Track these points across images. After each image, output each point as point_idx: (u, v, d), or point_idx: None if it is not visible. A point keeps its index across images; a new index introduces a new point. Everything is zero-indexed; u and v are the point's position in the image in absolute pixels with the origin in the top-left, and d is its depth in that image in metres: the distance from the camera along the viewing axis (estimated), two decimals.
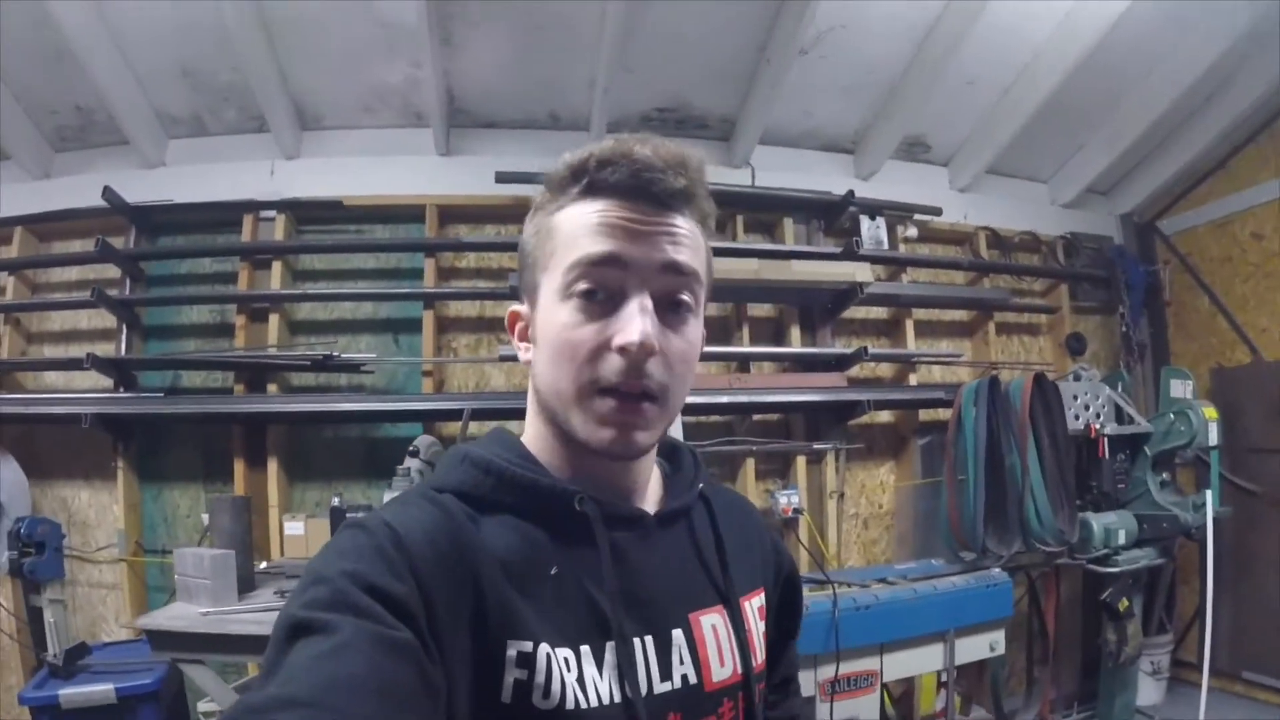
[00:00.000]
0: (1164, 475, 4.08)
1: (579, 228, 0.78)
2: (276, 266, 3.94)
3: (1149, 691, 4.16)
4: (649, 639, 0.80)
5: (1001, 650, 3.71)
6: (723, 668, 0.85)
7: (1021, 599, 4.05)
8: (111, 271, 3.95)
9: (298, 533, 3.68)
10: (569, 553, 0.79)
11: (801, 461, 4.13)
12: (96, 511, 3.92)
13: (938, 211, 4.38)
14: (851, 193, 4.15)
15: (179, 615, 2.73)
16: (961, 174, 4.56)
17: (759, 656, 0.91)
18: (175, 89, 3.86)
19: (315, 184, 4.01)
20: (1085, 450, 3.96)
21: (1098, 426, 3.90)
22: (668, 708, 0.79)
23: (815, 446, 4.11)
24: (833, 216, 4.28)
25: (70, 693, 2.90)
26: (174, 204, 3.94)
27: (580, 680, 0.74)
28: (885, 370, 4.47)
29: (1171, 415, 3.97)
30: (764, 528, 1.05)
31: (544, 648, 0.73)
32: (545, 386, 0.81)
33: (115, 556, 3.83)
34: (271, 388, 3.88)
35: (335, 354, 3.76)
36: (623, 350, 0.74)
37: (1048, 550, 3.69)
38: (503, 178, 3.82)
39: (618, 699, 0.75)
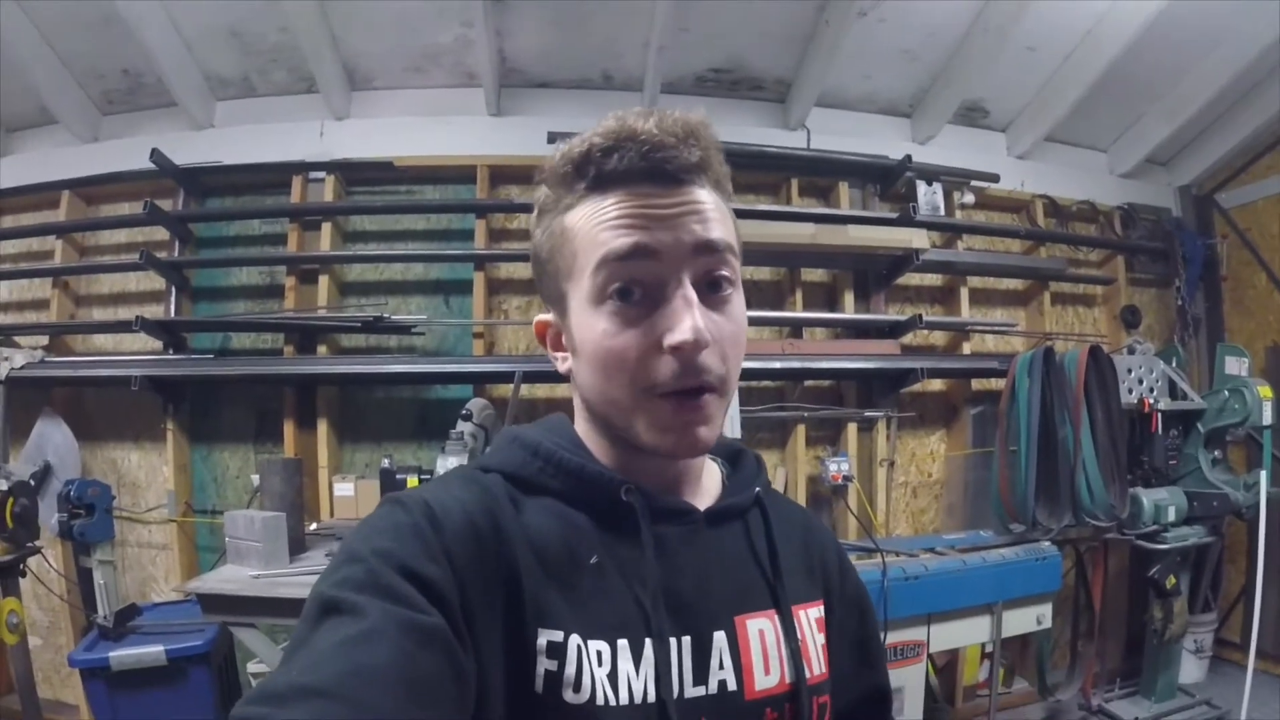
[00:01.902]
0: (1216, 453, 4.03)
1: (597, 225, 0.72)
2: (326, 228, 3.96)
3: (1191, 670, 4.18)
4: (686, 640, 0.76)
5: (1048, 624, 3.69)
6: (768, 676, 0.79)
7: (1068, 573, 4.04)
8: (160, 234, 3.98)
9: (348, 494, 3.72)
10: (612, 543, 0.77)
11: (852, 429, 4.13)
12: (146, 473, 3.98)
13: (995, 178, 4.33)
14: (909, 157, 4.10)
15: (229, 578, 2.76)
16: (1020, 141, 4.50)
17: (815, 668, 0.84)
18: (223, 50, 3.84)
19: (365, 145, 4.00)
20: (1138, 425, 3.93)
21: (1152, 401, 3.87)
22: (699, 713, 0.74)
23: (867, 414, 4.11)
24: (889, 181, 4.24)
25: (120, 654, 2.93)
26: (222, 166, 3.95)
27: (613, 676, 0.71)
28: (938, 338, 4.45)
29: (1226, 393, 3.93)
30: (829, 539, 1.00)
31: (575, 639, 0.70)
32: (595, 397, 0.78)
33: (165, 517, 3.89)
34: (321, 349, 3.92)
35: (386, 315, 3.79)
36: (676, 350, 0.70)
37: (1097, 525, 3.68)
38: (554, 138, 3.78)
39: (651, 699, 0.71)
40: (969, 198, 4.28)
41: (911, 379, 3.94)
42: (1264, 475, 3.73)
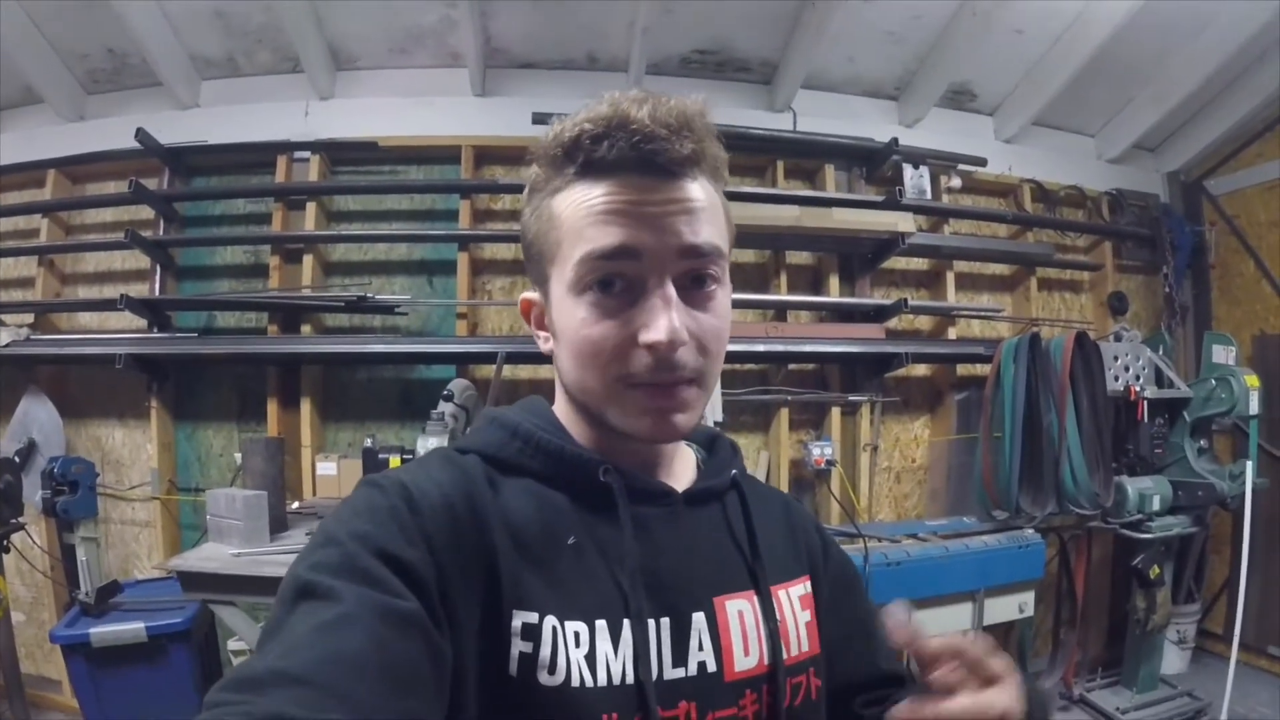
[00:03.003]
0: (1202, 442, 3.98)
1: (583, 216, 0.71)
2: (311, 207, 3.90)
3: (1173, 660, 4.12)
4: (665, 621, 0.74)
5: (1031, 612, 3.67)
6: (747, 657, 0.78)
7: (1051, 561, 4.00)
8: (145, 213, 3.93)
9: (330, 473, 3.69)
10: (590, 523, 0.76)
11: (836, 413, 4.07)
12: (130, 450, 3.95)
13: (982, 162, 4.25)
14: (895, 140, 4.02)
15: (210, 556, 2.73)
16: (1007, 125, 4.41)
17: (794, 648, 0.83)
18: (208, 30, 3.78)
19: (350, 125, 3.94)
20: (1123, 413, 3.86)
21: (1138, 389, 3.81)
22: (679, 695, 0.73)
23: (851, 398, 4.05)
24: (875, 164, 4.16)
25: (101, 631, 2.91)
26: (207, 145, 3.90)
27: (590, 657, 0.69)
28: (923, 323, 4.37)
29: (1213, 381, 3.88)
30: (809, 520, 0.98)
31: (550, 620, 0.69)
32: (572, 382, 0.77)
33: (148, 495, 3.86)
34: (305, 328, 3.88)
35: (370, 295, 3.74)
36: (651, 347, 0.69)
37: (1081, 513, 3.64)
38: (539, 119, 3.72)
39: (630, 680, 0.70)
40: (956, 181, 4.20)
41: (896, 363, 3.88)
42: (1250, 466, 3.67)
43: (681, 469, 0.88)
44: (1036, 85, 4.18)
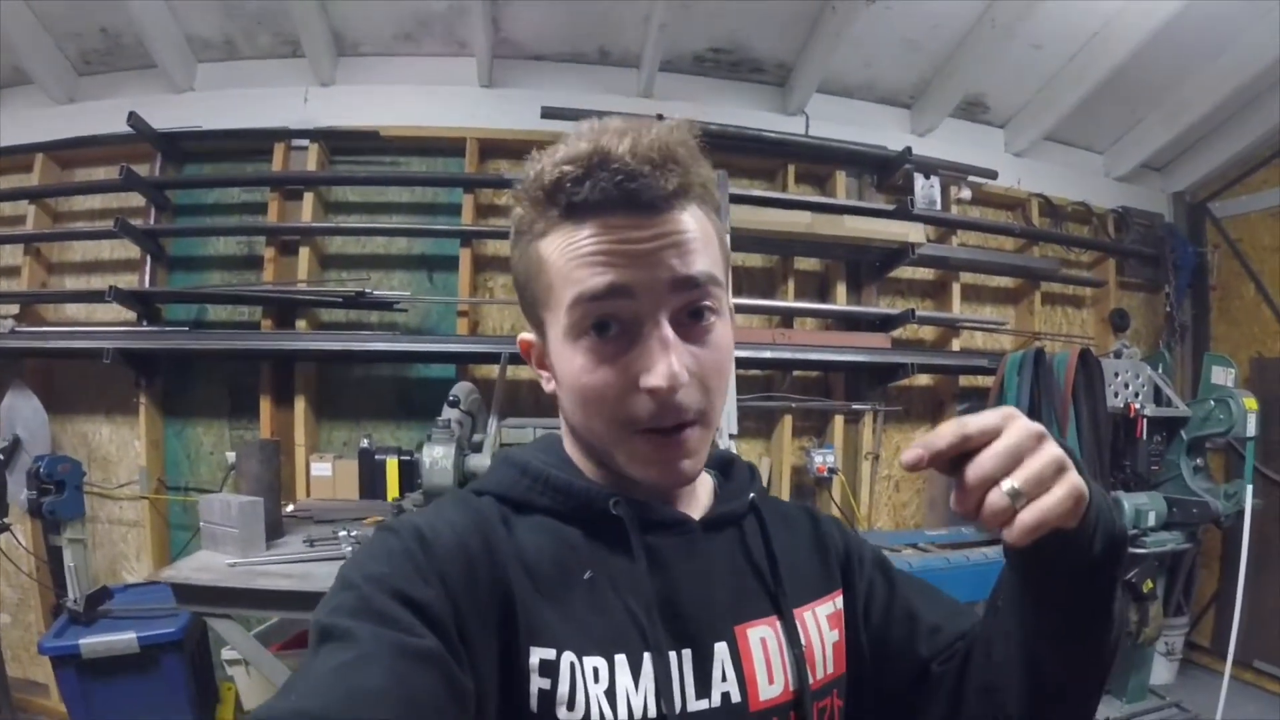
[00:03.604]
0: (1197, 460, 3.98)
1: (571, 260, 0.68)
2: (308, 198, 3.73)
3: (1161, 671, 4.15)
4: (686, 652, 0.73)
5: None
6: (771, 685, 0.76)
7: None
8: (136, 200, 3.74)
9: (325, 474, 3.55)
10: (605, 557, 0.74)
11: (839, 421, 4.03)
12: (118, 447, 3.78)
13: (993, 175, 4.19)
14: (909, 149, 3.95)
15: (205, 566, 2.58)
16: (1018, 138, 4.35)
17: (820, 671, 0.80)
18: (206, 11, 3.59)
19: (351, 113, 3.77)
20: (1122, 429, 3.85)
21: (1137, 407, 3.80)
22: None
23: (854, 407, 4.00)
24: (887, 172, 4.09)
25: (92, 642, 2.77)
26: (202, 131, 3.70)
27: (610, 692, 0.68)
28: (927, 333, 4.32)
29: (1212, 402, 3.87)
30: (836, 529, 0.93)
31: (568, 655, 0.68)
32: (578, 425, 0.76)
33: (136, 494, 3.69)
34: (301, 324, 3.71)
35: (368, 291, 3.58)
36: (652, 392, 0.67)
37: None
38: (549, 113, 3.61)
39: (652, 714, 0.69)
40: (966, 193, 4.14)
41: (902, 373, 3.83)
42: (1249, 489, 3.68)
43: (698, 495, 0.85)
44: (1050, 100, 4.12)
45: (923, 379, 4.20)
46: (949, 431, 0.58)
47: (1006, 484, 0.56)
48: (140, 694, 2.85)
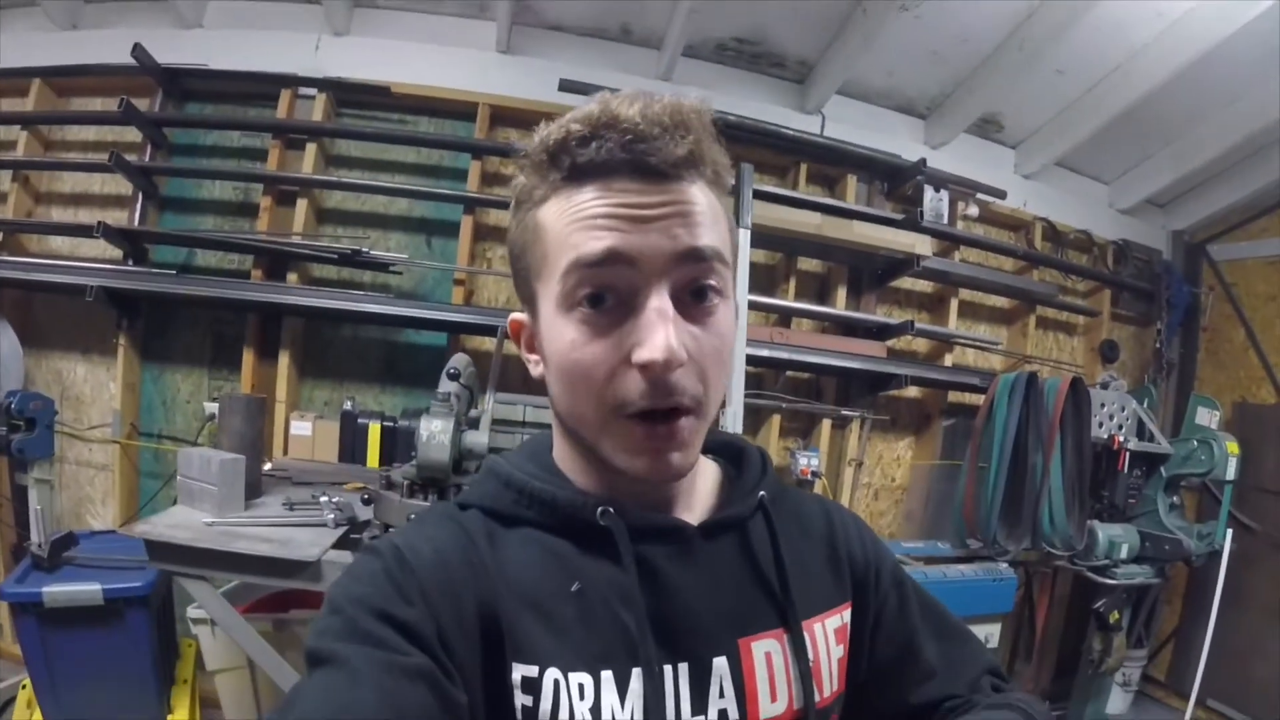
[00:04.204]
0: (1174, 498, 4.00)
1: (571, 223, 0.64)
2: (310, 149, 3.57)
3: (1116, 701, 4.18)
4: (683, 667, 0.70)
5: (995, 644, 3.70)
6: (774, 703, 0.73)
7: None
8: (131, 136, 3.56)
9: (305, 433, 3.42)
10: (594, 569, 0.71)
11: (827, 425, 3.98)
12: (92, 388, 3.62)
13: (1002, 194, 4.14)
14: (924, 160, 3.89)
15: (181, 523, 2.42)
16: (1029, 160, 4.32)
17: (826, 689, 0.77)
18: None
19: (362, 66, 3.61)
20: (1104, 460, 3.87)
21: (1121, 439, 3.82)
22: None
23: (843, 412, 3.96)
24: (898, 181, 4.02)
25: (55, 590, 2.61)
26: (208, 69, 3.53)
27: (595, 709, 0.65)
28: (920, 345, 4.27)
29: (1195, 442, 3.89)
30: (855, 531, 0.89)
31: (552, 673, 0.66)
32: (563, 410, 0.71)
33: (108, 437, 3.53)
34: (292, 277, 3.56)
35: (365, 250, 3.45)
36: (645, 368, 0.62)
37: (1053, 552, 3.65)
38: (568, 86, 3.46)
39: None
40: (974, 210, 4.09)
41: (895, 383, 3.80)
42: (1229, 534, 3.71)
43: (700, 495, 0.80)
44: (1065, 127, 4.09)
45: (911, 391, 4.13)
46: None
47: None
48: (101, 647, 2.69)
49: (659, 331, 0.61)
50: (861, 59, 3.71)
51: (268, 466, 3.21)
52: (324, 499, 2.66)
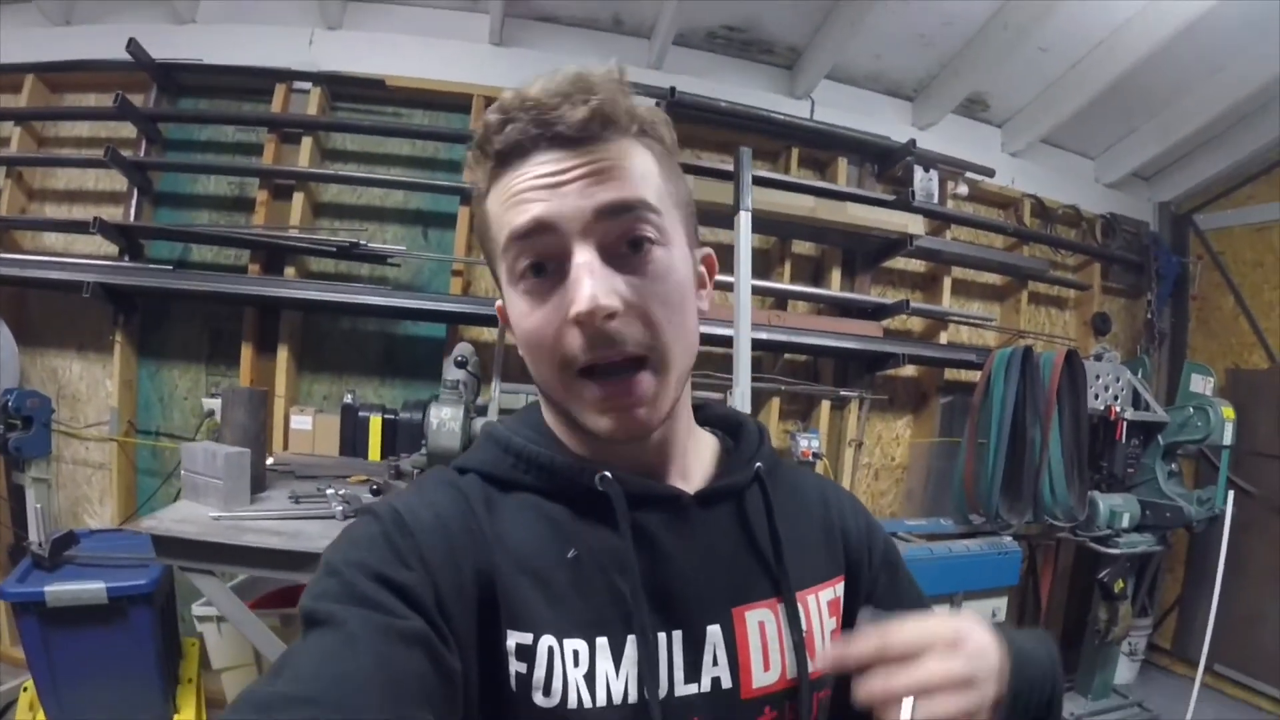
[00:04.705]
0: (1172, 465, 4.00)
1: (503, 203, 0.67)
2: (306, 142, 3.55)
3: (1123, 670, 4.13)
4: (677, 634, 0.70)
5: (1002, 617, 3.68)
6: (767, 672, 0.73)
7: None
8: (126, 131, 3.52)
9: (305, 427, 3.39)
10: (590, 535, 0.71)
11: (826, 406, 3.97)
12: (89, 385, 3.56)
13: (991, 173, 4.16)
14: (913, 141, 3.90)
15: (187, 518, 2.36)
16: (1015, 138, 4.34)
17: (820, 660, 0.75)
18: None
19: (356, 59, 3.59)
20: (1101, 431, 3.87)
21: (1118, 410, 3.82)
22: (691, 712, 0.69)
23: (842, 393, 3.94)
24: (888, 163, 4.03)
25: (57, 590, 2.53)
26: (202, 64, 3.49)
27: (590, 676, 0.66)
28: (915, 324, 4.28)
29: (1191, 409, 3.89)
30: (850, 508, 0.89)
31: (547, 639, 0.66)
32: (535, 378, 0.72)
33: (105, 435, 3.48)
34: (289, 271, 3.52)
35: (362, 242, 3.42)
36: (579, 323, 0.63)
37: (1055, 524, 3.63)
38: None
39: (633, 699, 0.66)
40: (963, 189, 4.12)
41: (892, 363, 3.80)
42: (1230, 496, 3.70)
43: (696, 465, 0.80)
44: (1050, 104, 4.11)
45: (908, 370, 4.15)
46: (870, 646, 0.62)
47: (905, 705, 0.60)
48: (105, 646, 2.62)
49: (584, 284, 0.62)
50: (849, 43, 3.73)
51: (270, 461, 3.17)
52: (330, 491, 2.62)
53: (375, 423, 3.30)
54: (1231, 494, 3.72)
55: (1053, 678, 0.71)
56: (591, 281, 0.62)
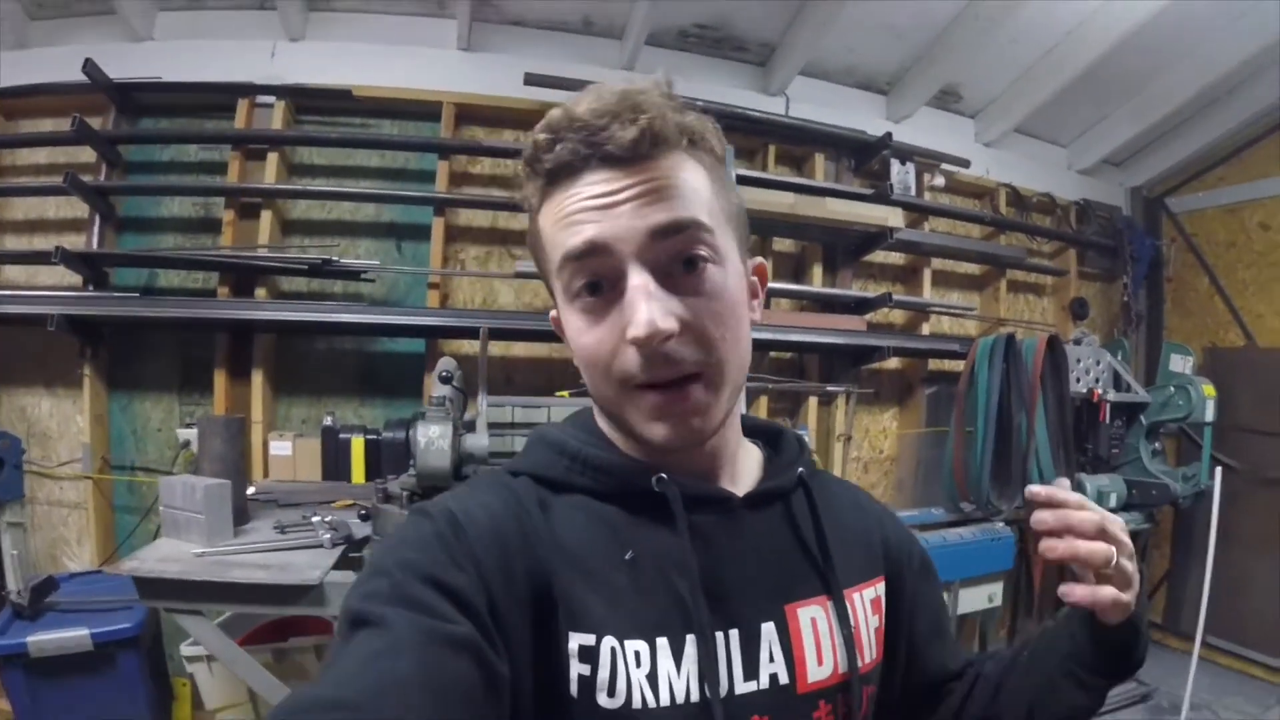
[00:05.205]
0: (1156, 444, 4.04)
1: (556, 223, 0.67)
2: (272, 158, 3.39)
3: None
4: (734, 633, 0.70)
5: (999, 602, 3.72)
6: (821, 666, 0.74)
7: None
8: (85, 156, 3.32)
9: (284, 453, 3.22)
10: (647, 536, 0.71)
11: (813, 402, 3.93)
12: (59, 423, 3.36)
13: (966, 163, 4.14)
14: (889, 135, 3.86)
15: (169, 556, 2.25)
16: (989, 129, 4.33)
17: (867, 655, 0.78)
18: None
19: (321, 70, 3.44)
20: (1084, 413, 3.91)
21: (1101, 392, 3.85)
22: (751, 710, 0.69)
23: (829, 388, 3.90)
24: (864, 157, 3.99)
25: (40, 639, 2.42)
26: (161, 82, 3.32)
27: (652, 676, 0.65)
28: (897, 316, 4.26)
29: (1172, 388, 3.93)
30: (885, 514, 0.92)
31: (609, 640, 0.65)
32: (591, 390, 0.73)
33: (79, 473, 3.30)
34: (260, 292, 3.36)
35: (335, 259, 3.28)
36: (637, 344, 0.63)
37: None
38: (532, 79, 3.36)
39: (695, 699, 0.66)
40: (940, 180, 4.08)
41: (877, 356, 3.75)
42: (1218, 472, 3.73)
43: (744, 470, 0.81)
44: (1022, 93, 4.10)
45: (892, 362, 4.11)
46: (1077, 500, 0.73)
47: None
48: (93, 694, 2.53)
49: (640, 309, 0.62)
50: (822, 39, 3.67)
51: (251, 490, 3.03)
52: (316, 519, 2.52)
53: (358, 444, 3.17)
54: (1219, 470, 3.74)
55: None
56: (648, 306, 0.62)
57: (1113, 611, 0.73)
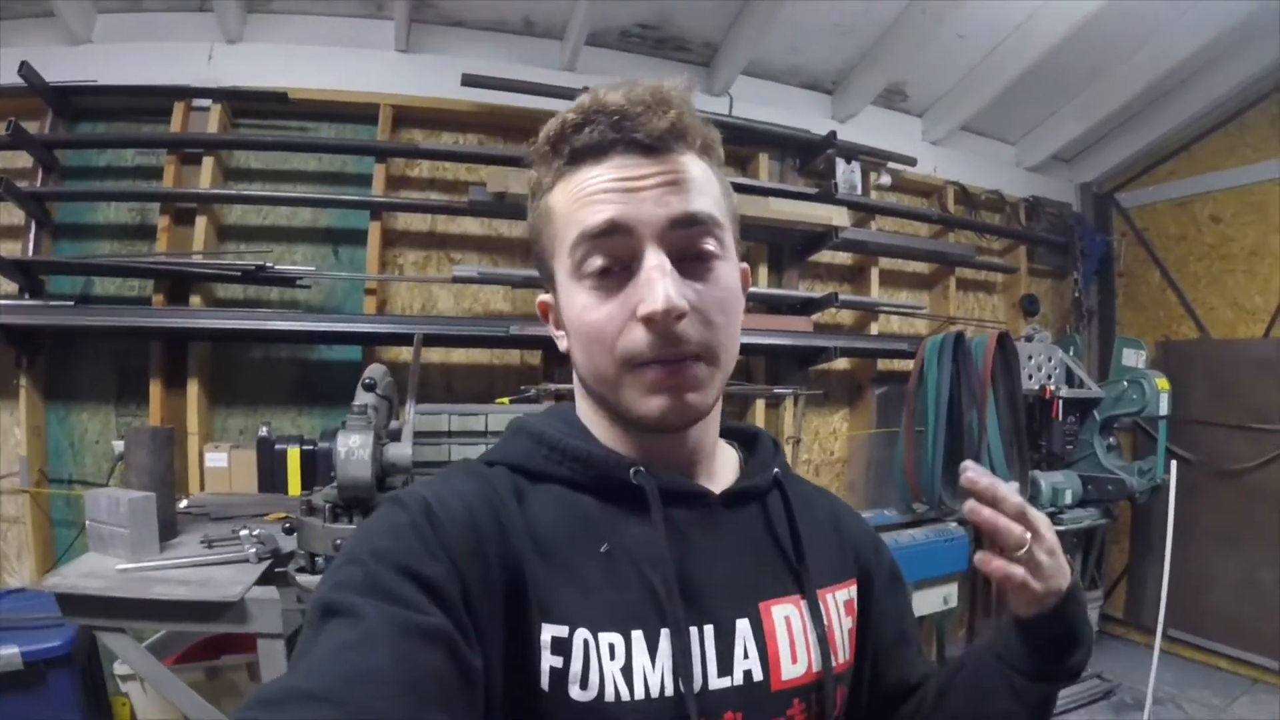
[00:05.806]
0: (1110, 439, 4.00)
1: (574, 202, 0.68)
2: (207, 162, 3.30)
3: None
4: (709, 628, 0.70)
5: (954, 604, 3.64)
6: (795, 665, 0.73)
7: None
8: (22, 160, 3.22)
9: (220, 465, 3.11)
10: (623, 529, 0.70)
11: (761, 405, 3.86)
12: None
13: (912, 162, 4.09)
14: (833, 134, 3.81)
15: (93, 572, 2.16)
16: (936, 127, 4.28)
17: (841, 655, 0.78)
18: None
19: (258, 73, 3.36)
20: (1037, 410, 3.86)
21: (1053, 389, 3.80)
22: (725, 706, 0.68)
23: (776, 391, 3.82)
24: (809, 156, 3.94)
25: None
26: (98, 86, 3.23)
27: (627, 669, 0.65)
28: (845, 317, 4.20)
29: (1125, 383, 3.89)
30: (858, 520, 0.92)
31: (582, 633, 0.65)
32: (586, 373, 0.73)
33: (16, 487, 3.19)
34: (195, 300, 3.28)
35: (269, 265, 3.20)
36: (648, 321, 0.64)
37: None
38: (470, 80, 3.30)
39: (669, 693, 0.65)
40: (886, 179, 4.04)
41: (824, 357, 3.67)
42: (1174, 465, 3.68)
43: (721, 469, 0.81)
44: (969, 91, 4.07)
45: (841, 363, 4.06)
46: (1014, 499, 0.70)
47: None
48: (25, 713, 2.42)
49: (657, 285, 0.64)
50: (765, 37, 3.61)
51: (184, 504, 2.93)
52: (244, 533, 2.42)
53: (294, 455, 3.07)
54: (1174, 463, 3.69)
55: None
56: (664, 283, 0.64)
57: (1024, 599, 0.71)
